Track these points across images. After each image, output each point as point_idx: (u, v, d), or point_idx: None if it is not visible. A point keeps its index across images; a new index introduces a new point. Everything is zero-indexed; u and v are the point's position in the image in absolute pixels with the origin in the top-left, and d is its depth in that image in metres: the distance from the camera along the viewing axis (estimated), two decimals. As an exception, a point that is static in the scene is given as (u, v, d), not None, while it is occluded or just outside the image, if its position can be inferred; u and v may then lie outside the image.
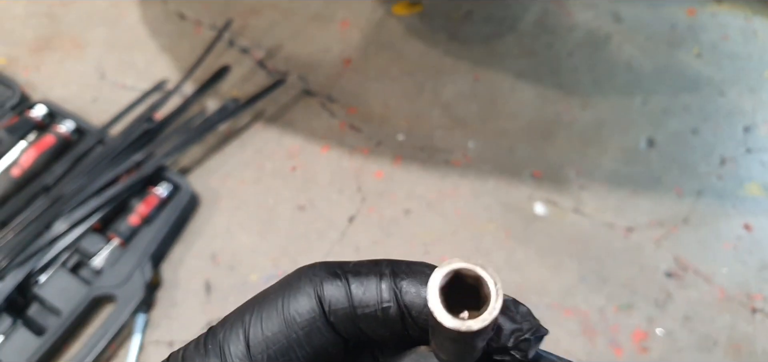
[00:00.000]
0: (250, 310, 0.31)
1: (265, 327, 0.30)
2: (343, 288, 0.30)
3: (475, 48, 1.59)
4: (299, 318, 0.30)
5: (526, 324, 0.30)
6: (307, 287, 0.30)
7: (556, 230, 1.27)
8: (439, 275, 0.25)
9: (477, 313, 0.24)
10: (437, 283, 0.25)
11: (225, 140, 1.42)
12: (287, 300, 0.30)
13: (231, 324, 0.31)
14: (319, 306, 0.30)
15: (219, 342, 0.30)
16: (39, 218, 1.21)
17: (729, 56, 1.55)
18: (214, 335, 0.31)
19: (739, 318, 1.16)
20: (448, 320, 0.24)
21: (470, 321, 0.24)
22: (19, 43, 1.62)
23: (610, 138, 1.41)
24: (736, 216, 1.29)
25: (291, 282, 0.31)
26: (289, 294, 0.31)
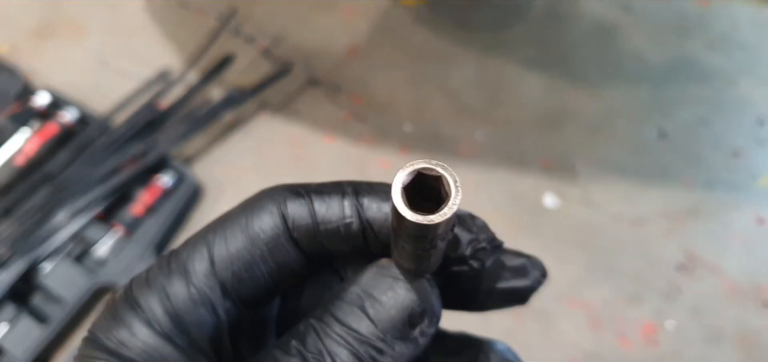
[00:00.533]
0: (214, 229, 0.31)
1: (229, 244, 0.31)
2: (306, 206, 0.31)
3: (482, 36, 1.57)
4: (263, 235, 0.31)
5: (482, 234, 0.32)
6: (270, 205, 0.31)
7: (564, 221, 1.26)
8: (402, 174, 0.25)
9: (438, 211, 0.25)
10: (400, 182, 0.25)
11: (229, 129, 1.41)
12: (251, 218, 0.31)
13: (194, 244, 0.31)
14: (283, 223, 0.31)
15: (182, 261, 0.30)
16: (42, 207, 1.21)
17: (740, 47, 1.53)
18: (178, 255, 0.31)
19: (749, 311, 1.15)
20: (410, 215, 0.25)
21: (431, 215, 0.25)
22: (22, 30, 1.60)
23: (619, 128, 1.39)
24: (748, 208, 1.27)
25: (254, 202, 0.32)
26: (252, 212, 0.31)
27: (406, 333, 0.29)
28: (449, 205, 0.25)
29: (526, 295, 0.34)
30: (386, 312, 0.29)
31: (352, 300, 0.30)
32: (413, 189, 0.26)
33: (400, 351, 0.29)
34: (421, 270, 0.30)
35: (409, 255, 0.29)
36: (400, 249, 0.29)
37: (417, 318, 0.30)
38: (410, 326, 0.29)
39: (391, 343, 0.29)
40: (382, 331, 0.29)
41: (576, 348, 1.11)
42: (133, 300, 0.29)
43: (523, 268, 0.34)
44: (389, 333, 0.29)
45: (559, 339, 1.11)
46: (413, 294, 0.30)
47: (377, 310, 0.29)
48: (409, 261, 0.30)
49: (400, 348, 0.29)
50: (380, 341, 0.29)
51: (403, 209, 0.25)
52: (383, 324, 0.29)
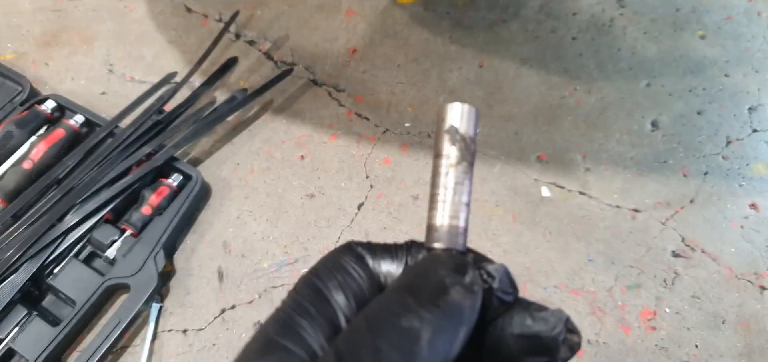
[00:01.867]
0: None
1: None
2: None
3: (479, 34, 1.59)
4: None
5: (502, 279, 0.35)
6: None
7: (563, 212, 1.28)
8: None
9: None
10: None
11: (234, 131, 1.43)
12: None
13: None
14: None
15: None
16: (51, 210, 1.23)
17: (733, 37, 1.55)
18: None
19: (748, 296, 1.17)
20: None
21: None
22: (27, 38, 1.63)
23: (616, 121, 1.42)
24: (743, 195, 1.29)
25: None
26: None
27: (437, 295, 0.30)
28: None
29: (553, 348, 0.33)
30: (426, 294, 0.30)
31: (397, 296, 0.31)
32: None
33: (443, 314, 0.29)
34: (455, 205, 0.35)
35: (444, 171, 0.35)
36: (436, 174, 0.35)
37: (463, 265, 0.32)
38: (459, 272, 0.31)
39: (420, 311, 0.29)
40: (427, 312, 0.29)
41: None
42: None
43: (546, 318, 0.34)
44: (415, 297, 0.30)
45: (561, 328, 1.13)
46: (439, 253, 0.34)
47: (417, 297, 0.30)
48: (444, 183, 0.35)
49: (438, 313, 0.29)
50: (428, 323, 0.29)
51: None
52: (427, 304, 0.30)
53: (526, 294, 1.16)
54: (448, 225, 0.35)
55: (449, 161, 0.36)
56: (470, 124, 0.36)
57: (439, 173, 0.36)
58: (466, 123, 0.36)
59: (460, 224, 0.36)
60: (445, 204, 0.35)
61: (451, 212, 0.35)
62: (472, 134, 0.36)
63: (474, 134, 0.36)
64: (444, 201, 0.35)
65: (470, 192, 0.36)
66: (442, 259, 0.33)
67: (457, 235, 0.35)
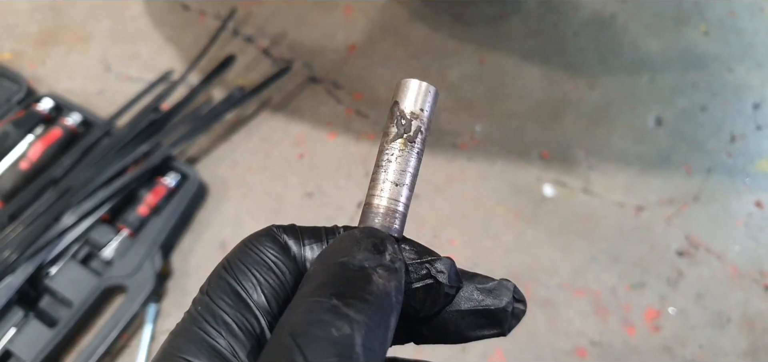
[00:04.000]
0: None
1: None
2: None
3: (480, 30, 1.58)
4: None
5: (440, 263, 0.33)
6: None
7: (566, 210, 1.27)
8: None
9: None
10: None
11: (232, 129, 1.42)
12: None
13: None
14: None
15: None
16: (48, 210, 1.21)
17: (736, 32, 1.54)
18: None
19: (752, 294, 1.15)
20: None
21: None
22: (24, 37, 1.61)
23: (618, 117, 1.40)
24: (747, 193, 1.28)
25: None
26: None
27: (380, 258, 0.29)
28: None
29: (502, 320, 0.32)
30: (356, 253, 0.29)
31: (323, 263, 0.30)
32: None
33: (384, 274, 0.29)
34: (396, 183, 0.34)
35: (382, 149, 0.34)
36: (384, 144, 0.34)
37: (382, 245, 0.30)
38: (379, 252, 0.30)
39: (371, 270, 0.29)
40: (363, 263, 0.29)
41: (582, 336, 1.11)
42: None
43: (493, 289, 0.33)
44: (366, 262, 0.29)
45: (564, 327, 1.12)
46: (373, 233, 0.31)
47: (350, 256, 0.29)
48: (390, 151, 0.34)
49: (383, 270, 0.29)
50: (362, 270, 0.28)
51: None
52: (359, 260, 0.29)
53: (528, 293, 1.15)
54: (385, 207, 0.33)
55: (387, 139, 0.34)
56: (416, 101, 0.34)
57: (380, 151, 0.34)
58: (411, 100, 0.34)
59: (397, 207, 0.33)
60: (379, 184, 0.34)
61: (388, 193, 0.33)
62: (417, 111, 0.34)
63: (423, 112, 0.34)
64: (378, 180, 0.34)
65: (411, 171, 0.34)
66: (356, 239, 0.31)
67: (392, 217, 0.33)
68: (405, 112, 0.34)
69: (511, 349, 1.09)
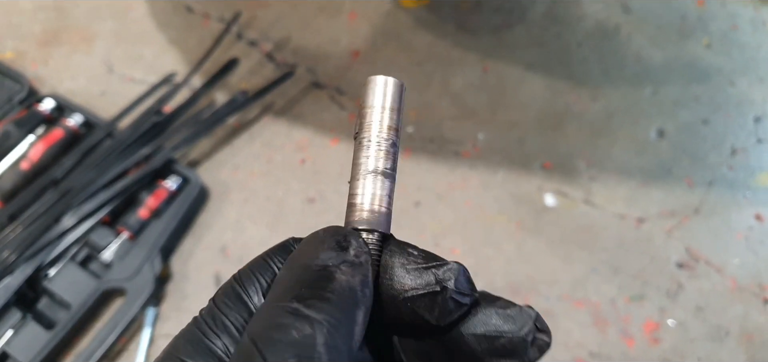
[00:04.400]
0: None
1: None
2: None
3: (484, 38, 1.58)
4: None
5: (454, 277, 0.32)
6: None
7: (567, 221, 1.27)
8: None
9: None
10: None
11: (234, 133, 1.42)
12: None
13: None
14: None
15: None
16: (48, 212, 1.21)
17: (739, 46, 1.54)
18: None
19: (752, 308, 1.15)
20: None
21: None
22: (27, 37, 1.61)
23: (621, 129, 1.40)
24: (748, 206, 1.28)
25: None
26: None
27: (343, 254, 0.30)
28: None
29: (522, 349, 0.31)
30: (320, 253, 0.30)
31: (290, 266, 0.31)
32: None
33: (348, 270, 0.29)
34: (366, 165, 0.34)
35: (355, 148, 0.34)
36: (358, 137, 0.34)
37: (345, 241, 0.30)
38: (342, 248, 0.30)
39: (334, 268, 0.29)
40: (326, 261, 0.29)
41: (581, 347, 1.11)
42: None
43: (514, 316, 0.31)
44: (328, 260, 0.29)
45: (564, 338, 1.12)
46: (337, 231, 0.31)
47: (313, 257, 0.30)
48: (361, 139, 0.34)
49: (346, 267, 0.29)
50: (324, 269, 0.29)
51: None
52: (321, 258, 0.29)
53: (528, 304, 1.15)
54: (363, 206, 0.33)
55: (356, 135, 0.34)
56: (376, 96, 0.34)
57: (355, 151, 0.34)
58: (376, 96, 0.34)
59: (376, 205, 0.33)
60: (358, 183, 0.34)
61: (370, 192, 0.33)
62: (379, 106, 0.34)
63: (391, 107, 0.34)
64: (357, 178, 0.34)
65: (386, 167, 0.34)
66: (320, 239, 0.31)
67: (373, 214, 0.33)
68: (365, 109, 0.34)
69: None
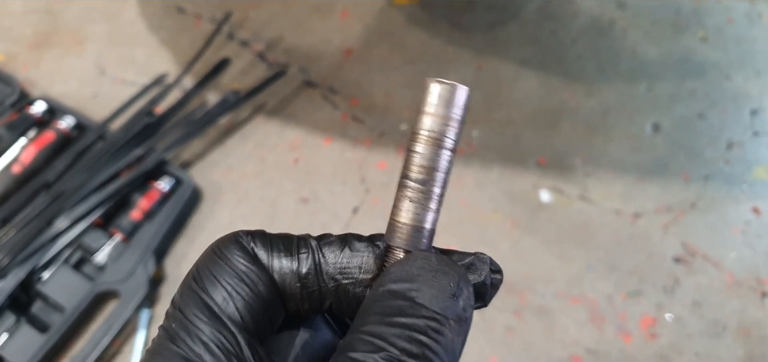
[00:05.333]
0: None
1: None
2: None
3: (477, 36, 1.57)
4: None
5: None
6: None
7: (563, 218, 1.26)
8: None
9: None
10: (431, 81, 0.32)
11: (226, 133, 1.41)
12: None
13: None
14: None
15: None
16: (40, 215, 1.20)
17: (734, 40, 1.53)
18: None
19: (749, 302, 1.15)
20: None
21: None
22: (18, 39, 1.61)
23: (616, 124, 1.40)
24: (745, 200, 1.27)
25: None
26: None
27: (454, 306, 0.28)
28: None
29: (483, 293, 0.32)
30: (428, 291, 0.28)
31: (391, 294, 0.29)
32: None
33: (455, 327, 0.28)
34: (428, 207, 0.31)
35: (419, 167, 0.31)
36: (409, 167, 0.31)
37: (458, 288, 0.29)
38: (454, 297, 0.29)
39: (444, 320, 0.28)
40: (438, 310, 0.28)
41: (578, 345, 1.10)
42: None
43: (470, 265, 0.32)
44: (441, 309, 0.28)
45: (560, 336, 1.11)
46: (452, 268, 0.30)
47: (421, 292, 0.28)
48: (418, 178, 0.31)
49: (454, 323, 0.28)
50: (434, 320, 0.27)
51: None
52: (432, 303, 0.28)
53: (524, 302, 1.15)
54: (412, 225, 0.31)
55: (419, 148, 0.31)
56: (450, 106, 0.31)
57: (409, 162, 0.32)
58: (443, 105, 0.31)
59: (426, 225, 0.32)
60: (410, 200, 0.31)
61: (419, 208, 0.32)
62: (451, 115, 0.31)
63: (455, 116, 0.31)
64: (411, 196, 0.31)
65: (444, 183, 0.32)
66: (433, 270, 0.29)
67: (420, 236, 0.32)
68: (440, 121, 0.31)
69: (506, 358, 1.08)
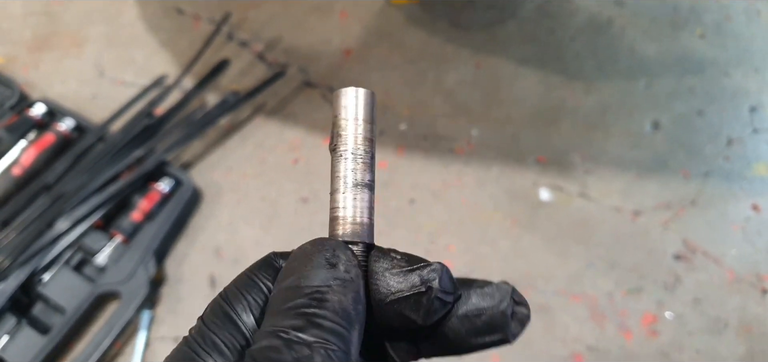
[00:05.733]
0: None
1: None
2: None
3: (476, 35, 1.57)
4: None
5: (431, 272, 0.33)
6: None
7: (563, 216, 1.26)
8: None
9: None
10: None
11: (226, 134, 1.41)
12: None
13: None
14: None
15: None
16: (41, 217, 1.20)
17: (733, 37, 1.53)
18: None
19: (750, 299, 1.15)
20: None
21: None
22: (18, 42, 1.61)
23: (615, 122, 1.40)
24: (744, 197, 1.27)
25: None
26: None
27: (334, 272, 0.30)
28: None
29: (503, 324, 0.32)
30: (309, 272, 0.30)
31: (282, 291, 0.31)
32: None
33: (339, 287, 0.30)
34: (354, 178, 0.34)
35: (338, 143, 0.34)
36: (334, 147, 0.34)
37: (333, 257, 0.31)
38: (332, 266, 0.30)
39: (326, 289, 0.29)
40: (318, 283, 0.29)
41: (578, 342, 1.10)
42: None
43: (491, 293, 0.32)
44: (321, 281, 0.30)
45: (561, 333, 1.11)
46: (322, 244, 0.31)
47: (303, 277, 0.30)
48: (339, 151, 0.34)
49: (338, 286, 0.29)
50: (316, 292, 0.29)
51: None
52: (313, 280, 0.30)
53: (525, 298, 1.15)
54: (351, 220, 0.34)
55: (332, 148, 0.35)
56: (352, 108, 0.35)
57: (333, 164, 0.35)
58: (349, 108, 0.35)
59: (359, 216, 0.34)
60: (340, 196, 0.34)
61: (351, 205, 0.34)
62: (348, 118, 0.34)
63: (365, 118, 0.35)
64: (338, 191, 0.34)
65: (364, 177, 0.34)
66: (308, 254, 0.31)
67: (361, 226, 0.34)
68: (340, 121, 0.35)
69: (507, 356, 1.08)
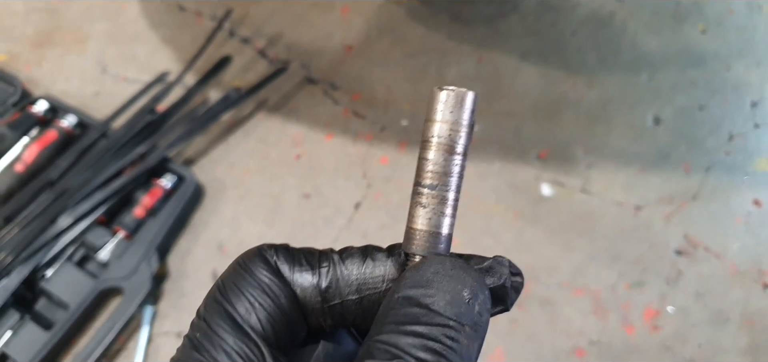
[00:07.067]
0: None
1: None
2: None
3: (478, 29, 1.57)
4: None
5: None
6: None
7: (565, 209, 1.26)
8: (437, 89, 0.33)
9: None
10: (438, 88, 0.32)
11: (228, 130, 1.41)
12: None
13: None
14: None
15: None
16: (44, 213, 1.21)
17: (735, 30, 1.53)
18: None
19: (752, 293, 1.15)
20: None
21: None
22: (20, 39, 1.61)
23: (617, 116, 1.40)
24: (746, 191, 1.27)
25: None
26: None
27: (470, 311, 0.28)
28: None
29: (503, 296, 0.32)
30: (443, 296, 0.28)
31: (406, 301, 0.28)
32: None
33: (470, 333, 0.28)
34: (444, 213, 0.32)
35: (432, 173, 0.31)
36: (421, 174, 0.31)
37: (473, 293, 0.29)
38: (469, 302, 0.28)
39: (459, 327, 0.28)
40: (452, 316, 0.28)
41: (581, 335, 1.10)
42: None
43: (489, 268, 0.32)
44: (456, 315, 0.28)
45: (564, 327, 1.11)
46: (466, 273, 0.29)
47: (436, 298, 0.28)
48: (431, 184, 0.31)
49: (470, 329, 0.28)
50: (449, 327, 0.27)
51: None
52: (447, 309, 0.28)
53: (528, 293, 1.15)
54: (427, 231, 0.31)
55: (430, 155, 0.31)
56: (457, 112, 0.31)
57: (421, 169, 0.32)
58: (450, 111, 0.31)
59: (441, 230, 0.32)
60: (424, 206, 0.31)
61: (433, 214, 0.31)
62: (460, 121, 0.31)
63: (464, 122, 0.31)
64: (425, 202, 0.31)
65: (457, 187, 0.32)
66: (447, 275, 0.29)
67: (437, 241, 0.32)
68: (450, 127, 0.31)
69: (510, 348, 1.09)
